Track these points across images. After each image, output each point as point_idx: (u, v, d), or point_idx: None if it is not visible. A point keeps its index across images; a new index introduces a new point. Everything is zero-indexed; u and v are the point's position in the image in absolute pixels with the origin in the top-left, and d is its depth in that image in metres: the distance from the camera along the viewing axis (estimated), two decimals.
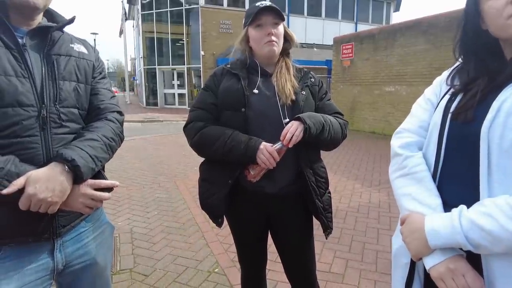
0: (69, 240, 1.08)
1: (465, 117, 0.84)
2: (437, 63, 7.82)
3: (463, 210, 0.78)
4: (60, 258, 1.06)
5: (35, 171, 0.90)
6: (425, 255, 0.83)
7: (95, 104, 1.13)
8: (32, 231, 0.97)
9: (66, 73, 1.05)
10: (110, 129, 1.11)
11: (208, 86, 1.46)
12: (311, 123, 1.29)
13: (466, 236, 0.75)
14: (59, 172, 0.93)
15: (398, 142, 1.01)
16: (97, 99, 1.14)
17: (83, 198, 0.99)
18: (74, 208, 1.00)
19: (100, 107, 1.14)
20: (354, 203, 4.11)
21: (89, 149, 1.00)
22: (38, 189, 0.88)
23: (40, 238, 1.00)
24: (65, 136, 1.02)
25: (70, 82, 1.06)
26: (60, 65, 1.04)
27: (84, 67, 1.11)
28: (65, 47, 1.08)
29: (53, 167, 0.93)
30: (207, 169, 1.49)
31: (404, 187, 0.95)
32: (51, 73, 1.01)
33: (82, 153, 0.97)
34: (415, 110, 1.04)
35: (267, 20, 1.36)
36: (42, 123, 0.96)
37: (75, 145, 0.99)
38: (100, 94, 1.16)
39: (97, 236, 1.17)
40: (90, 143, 1.02)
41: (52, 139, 0.99)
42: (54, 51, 1.04)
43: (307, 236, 1.53)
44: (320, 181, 1.43)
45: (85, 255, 1.12)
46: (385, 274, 2.53)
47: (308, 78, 1.48)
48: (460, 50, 0.95)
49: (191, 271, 2.57)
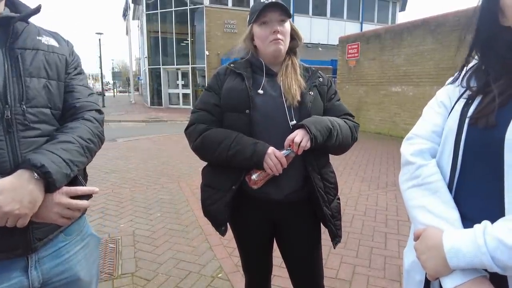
0: (47, 256, 0.97)
1: (486, 122, 0.76)
2: (445, 63, 7.71)
3: (488, 226, 0.70)
4: (36, 275, 0.94)
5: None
6: (443, 275, 0.75)
7: (70, 103, 1.02)
8: (2, 247, 0.87)
9: (34, 68, 0.93)
10: (87, 129, 1.00)
11: (210, 86, 1.39)
12: (317, 131, 1.21)
13: (493, 256, 0.66)
14: (27, 180, 0.82)
15: (410, 149, 0.93)
16: (72, 97, 1.03)
17: (58, 208, 0.88)
18: (48, 219, 0.89)
19: (76, 106, 1.02)
20: (361, 206, 4.03)
21: (62, 152, 0.89)
22: (2, 201, 0.78)
23: (12, 255, 0.89)
24: (35, 139, 0.91)
25: (38, 79, 0.94)
26: (25, 60, 0.92)
27: (55, 62, 0.99)
28: (31, 40, 0.95)
29: (20, 175, 0.82)
30: (209, 173, 1.42)
31: (418, 199, 0.87)
32: (15, 69, 0.89)
33: (54, 158, 0.86)
34: (427, 114, 0.96)
35: (273, 17, 1.29)
36: (7, 126, 0.85)
37: (46, 149, 0.88)
38: (75, 91, 1.04)
39: (79, 250, 1.06)
40: (64, 145, 0.91)
41: (20, 143, 0.88)
42: (18, 45, 0.92)
43: (315, 243, 1.46)
44: (328, 187, 1.36)
45: (66, 272, 1.01)
46: (394, 281, 2.45)
47: (316, 78, 1.40)
48: (475, 49, 0.87)
49: (194, 276, 2.51)
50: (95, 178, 5.03)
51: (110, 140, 9.22)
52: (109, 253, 2.85)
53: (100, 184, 4.84)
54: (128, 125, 13.68)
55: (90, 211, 3.79)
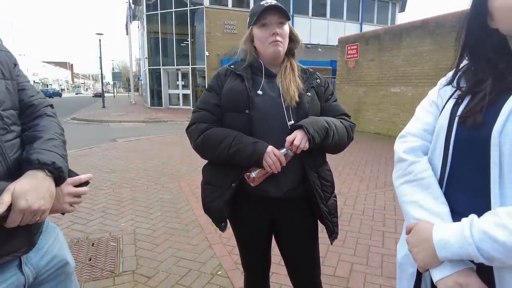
0: (32, 251, 1.00)
1: (474, 121, 0.80)
2: (444, 63, 7.74)
3: (474, 220, 0.74)
4: (29, 271, 0.98)
5: (17, 183, 0.83)
6: (432, 267, 0.79)
7: (27, 101, 1.02)
8: (11, 248, 0.90)
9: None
10: (56, 125, 1.04)
11: (211, 86, 1.43)
12: (314, 132, 1.26)
13: (478, 247, 0.70)
14: (42, 178, 0.88)
15: (403, 146, 0.97)
16: (26, 95, 1.02)
17: (68, 198, 0.99)
18: (60, 210, 0.98)
19: (34, 104, 1.04)
20: (359, 205, 4.06)
21: (55, 149, 0.94)
22: (30, 201, 0.83)
23: (20, 253, 0.94)
24: (14, 141, 0.92)
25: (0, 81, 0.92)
26: None
27: (5, 61, 0.96)
28: None
29: (34, 175, 0.87)
30: (210, 171, 1.46)
31: (410, 194, 0.90)
32: None
33: (54, 155, 0.92)
34: (419, 113, 1.00)
35: (272, 19, 1.33)
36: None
37: (40, 148, 0.91)
38: (27, 89, 1.03)
39: (54, 241, 1.10)
40: (52, 143, 0.95)
41: (5, 147, 0.88)
42: None
43: (312, 240, 1.49)
44: (325, 184, 1.40)
45: (54, 259, 1.06)
46: (390, 278, 2.48)
47: (314, 79, 1.44)
48: (465, 51, 0.91)
49: (194, 273, 2.55)
50: (96, 178, 5.06)
51: (111, 140, 9.26)
52: (110, 251, 2.88)
53: (101, 184, 4.88)
54: (128, 126, 13.71)
55: (91, 210, 3.83)
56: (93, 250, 2.89)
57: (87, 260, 2.72)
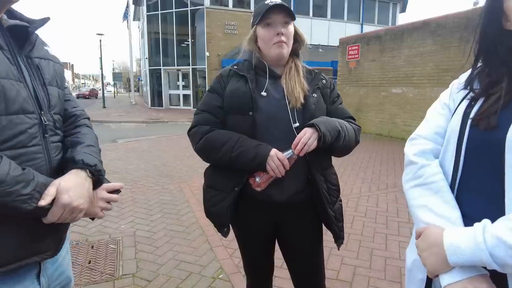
0: (49, 261, 0.99)
1: (487, 124, 0.77)
2: (445, 64, 7.72)
3: (487, 224, 0.70)
4: (44, 282, 0.97)
5: (62, 179, 0.87)
6: (442, 272, 0.76)
7: (70, 111, 1.10)
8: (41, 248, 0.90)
9: (51, 77, 0.99)
10: (94, 135, 1.12)
11: (213, 88, 1.39)
12: (326, 131, 1.22)
13: (491, 253, 0.67)
14: (84, 178, 0.92)
15: (413, 149, 0.95)
16: (70, 105, 1.12)
17: (101, 202, 1.01)
18: (92, 213, 1.00)
19: (76, 114, 1.12)
20: (361, 207, 4.03)
21: (95, 154, 1.00)
22: (72, 197, 0.86)
23: (46, 256, 0.93)
24: (58, 144, 0.98)
25: (54, 88, 0.99)
26: (43, 69, 0.96)
27: (60, 72, 1.05)
28: (42, 50, 0.99)
29: (78, 174, 0.92)
30: (212, 175, 1.42)
31: (420, 198, 0.88)
32: (38, 77, 0.93)
33: (95, 159, 0.98)
34: (430, 115, 0.98)
35: (277, 19, 1.29)
36: (44, 131, 0.91)
37: (83, 151, 0.97)
38: (71, 100, 1.13)
39: (65, 254, 1.09)
40: (92, 149, 1.01)
41: (50, 147, 0.93)
42: (34, 54, 0.95)
43: (316, 244, 1.46)
44: (332, 188, 1.36)
45: (61, 276, 1.05)
46: (394, 282, 2.45)
47: (320, 80, 1.41)
48: (479, 52, 0.88)
49: (194, 277, 2.51)
50: None
51: (111, 141, 9.23)
52: (110, 254, 2.85)
53: None
54: (128, 126, 13.69)
55: None
56: (93, 253, 2.86)
57: (87, 263, 2.69)
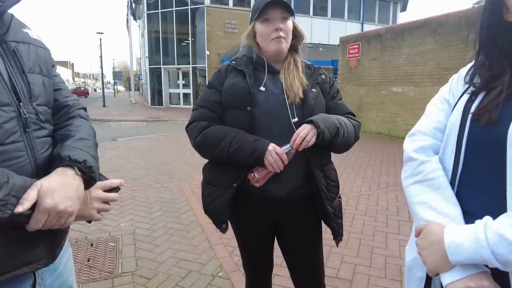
0: (47, 270, 0.90)
1: (488, 118, 0.76)
2: (446, 63, 7.69)
3: (489, 221, 0.69)
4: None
5: (45, 180, 0.76)
6: (443, 271, 0.74)
7: (62, 101, 0.98)
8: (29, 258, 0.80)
9: (32, 64, 0.85)
10: (89, 127, 0.99)
11: (212, 83, 1.38)
12: (325, 128, 1.21)
13: (493, 251, 0.65)
14: (72, 177, 0.80)
15: (412, 145, 0.93)
16: (62, 95, 0.99)
17: (96, 203, 0.89)
18: (86, 216, 0.88)
19: (69, 104, 0.99)
20: (362, 205, 4.02)
21: (87, 149, 0.88)
22: (57, 200, 0.75)
23: (38, 266, 0.84)
24: (46, 139, 0.86)
25: (37, 75, 0.86)
26: (21, 54, 0.83)
27: (44, 57, 0.91)
28: (20, 32, 0.86)
29: (63, 172, 0.80)
30: (210, 171, 1.41)
31: (420, 195, 0.86)
32: (15, 64, 0.81)
33: (86, 154, 0.85)
34: (430, 111, 0.96)
35: (275, 14, 1.28)
36: (24, 126, 0.79)
37: (72, 145, 0.85)
38: (63, 89, 1.00)
39: (67, 261, 1.00)
40: (84, 142, 0.89)
41: (35, 144, 0.82)
42: (10, 37, 0.82)
43: (316, 241, 1.45)
44: (331, 184, 1.35)
45: (62, 286, 0.96)
46: (394, 280, 2.44)
47: (319, 75, 1.39)
48: (480, 46, 0.87)
49: (194, 275, 2.50)
50: None
51: (111, 140, 9.22)
52: (110, 251, 2.84)
53: None
54: (128, 125, 13.68)
55: None
56: (92, 251, 2.85)
57: (86, 261, 2.68)
